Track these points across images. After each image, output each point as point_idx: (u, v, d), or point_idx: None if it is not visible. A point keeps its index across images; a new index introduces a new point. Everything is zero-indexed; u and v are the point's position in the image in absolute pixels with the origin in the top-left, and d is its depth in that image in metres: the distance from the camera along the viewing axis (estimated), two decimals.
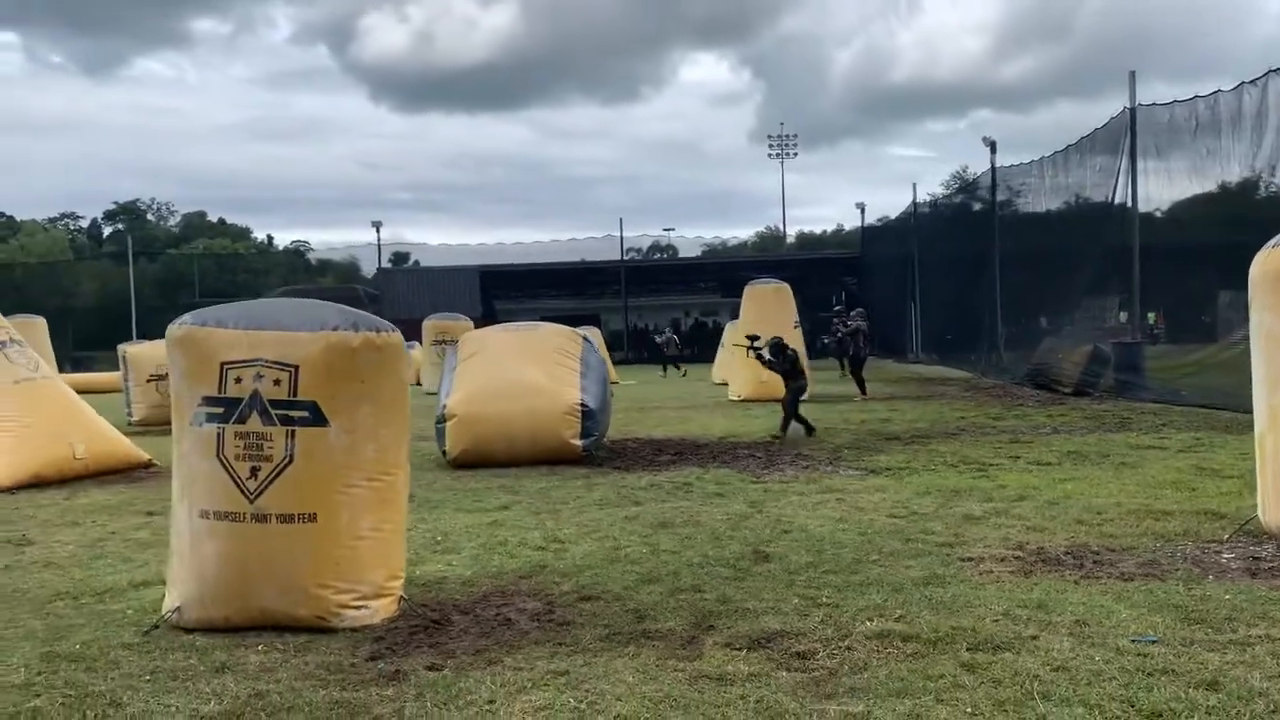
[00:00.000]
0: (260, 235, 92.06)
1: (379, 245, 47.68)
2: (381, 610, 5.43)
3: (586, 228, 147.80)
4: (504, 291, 47.14)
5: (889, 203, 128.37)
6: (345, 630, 5.25)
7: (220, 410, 5.22)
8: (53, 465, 11.23)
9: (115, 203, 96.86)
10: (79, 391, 13.22)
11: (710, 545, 7.09)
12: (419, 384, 32.21)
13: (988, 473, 10.06)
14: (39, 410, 11.45)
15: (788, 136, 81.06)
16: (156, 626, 5.33)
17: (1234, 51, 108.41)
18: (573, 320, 46.63)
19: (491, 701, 4.20)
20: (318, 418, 5.23)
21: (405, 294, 46.16)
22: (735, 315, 27.54)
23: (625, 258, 60.85)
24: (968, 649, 4.66)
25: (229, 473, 5.19)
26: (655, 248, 78.29)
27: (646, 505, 8.80)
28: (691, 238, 75.49)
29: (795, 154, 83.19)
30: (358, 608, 5.34)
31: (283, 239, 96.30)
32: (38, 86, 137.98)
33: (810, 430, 13.67)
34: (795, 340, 20.46)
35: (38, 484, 10.93)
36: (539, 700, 4.19)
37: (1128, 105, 20.66)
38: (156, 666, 4.77)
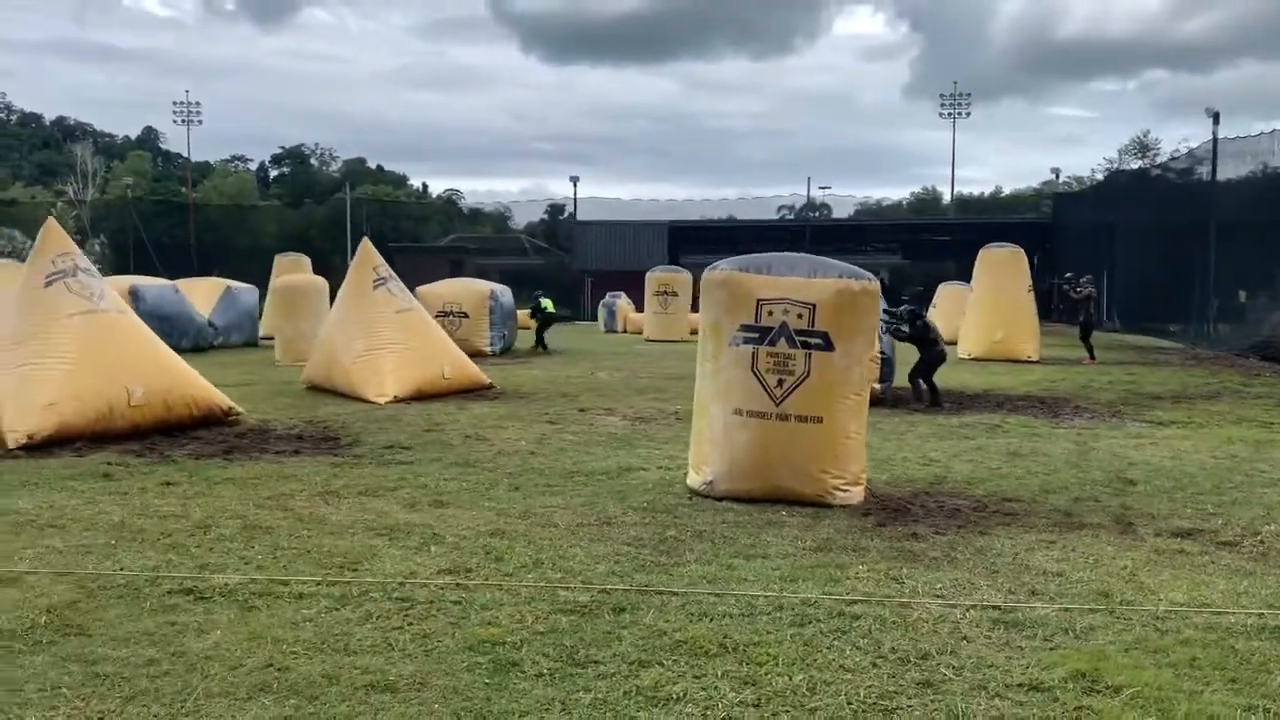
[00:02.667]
0: (415, 183, 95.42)
1: (575, 199, 49.90)
2: (857, 495, 7.04)
3: (726, 184, 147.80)
4: (690, 246, 48.72)
5: (1048, 165, 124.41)
6: (837, 506, 6.88)
7: (756, 335, 6.88)
8: (429, 382, 13.36)
9: (281, 147, 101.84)
10: None
11: (1071, 471, 8.45)
12: (622, 330, 34.30)
13: (1272, 429, 11.04)
14: (419, 335, 13.63)
15: (961, 95, 79.40)
16: (696, 494, 7.08)
17: None
18: None
19: (1015, 554, 5.73)
20: (827, 344, 6.83)
21: (597, 246, 48.25)
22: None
23: (805, 216, 61.76)
24: None
25: (760, 382, 6.86)
26: (810, 206, 78.50)
27: (979, 439, 10.19)
28: (844, 196, 74.99)
29: (968, 114, 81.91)
30: (845, 490, 6.96)
31: (435, 186, 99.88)
32: (211, 35, 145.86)
33: (935, 400, 12.91)
34: (1028, 304, 21.43)
35: (418, 397, 13.05)
36: (1055, 554, 5.69)
37: None
38: (725, 519, 6.48)
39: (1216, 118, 29.67)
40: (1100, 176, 68.29)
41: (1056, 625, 4.55)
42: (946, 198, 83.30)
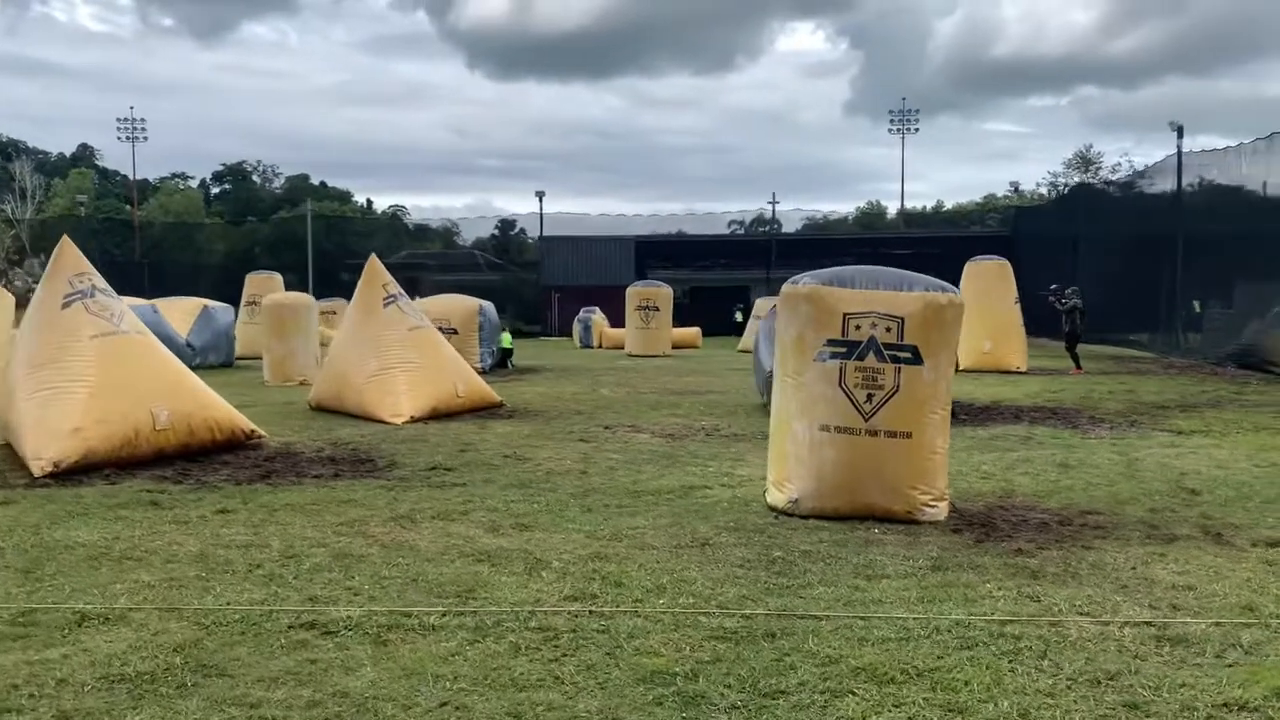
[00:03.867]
0: (360, 199, 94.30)
1: (541, 215, 49.67)
2: (943, 510, 6.96)
3: (673, 199, 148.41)
4: (657, 262, 48.72)
5: (985, 181, 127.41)
6: (926, 523, 6.79)
7: (843, 350, 6.78)
8: (444, 401, 13.10)
9: (223, 164, 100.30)
10: None
11: (1129, 482, 8.46)
12: (598, 346, 34.14)
13: None
14: (432, 353, 13.37)
15: (909, 111, 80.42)
16: (780, 513, 6.95)
17: None
18: (725, 291, 48.14)
19: (1133, 568, 5.68)
20: (916, 358, 6.76)
21: (562, 261, 48.03)
22: None
23: (756, 230, 62.03)
24: None
25: (849, 397, 6.76)
26: (760, 220, 78.98)
27: (1019, 451, 10.20)
28: (790, 210, 75.40)
29: (917, 129, 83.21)
30: (933, 506, 6.88)
31: (380, 203, 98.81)
32: (148, 49, 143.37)
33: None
34: (1015, 315, 21.66)
35: (433, 416, 12.79)
36: (1173, 567, 5.65)
37: None
38: (822, 538, 6.36)
39: (1180, 131, 30.40)
40: (1045, 190, 70.00)
41: (1220, 641, 4.48)
42: (891, 212, 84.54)
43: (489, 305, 22.06)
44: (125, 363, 9.64)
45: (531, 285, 50.61)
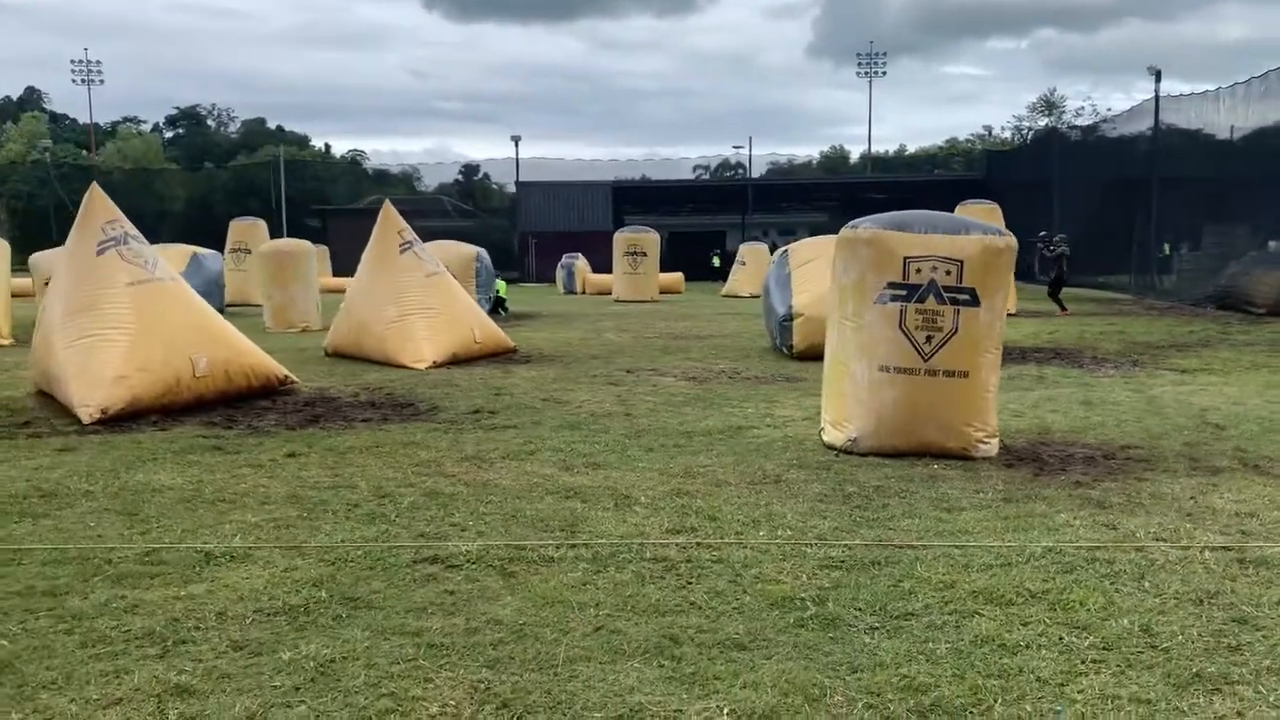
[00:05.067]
0: (318, 143, 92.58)
1: (516, 160, 49.32)
2: (995, 446, 7.25)
3: (635, 143, 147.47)
4: (633, 207, 48.69)
5: (948, 124, 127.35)
6: (980, 459, 7.07)
7: (903, 292, 6.99)
8: (463, 346, 13.22)
9: (176, 108, 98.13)
10: None
11: (1155, 418, 8.79)
12: (581, 292, 34.20)
13: None
14: (449, 299, 13.45)
15: (877, 54, 80.00)
16: (839, 451, 7.20)
17: None
18: (702, 236, 48.22)
19: (1192, 498, 5.99)
20: (974, 300, 6.99)
21: (540, 207, 47.86)
22: None
23: (711, 176, 61.82)
24: None
25: (909, 339, 6.99)
26: (725, 165, 78.80)
27: (1038, 390, 10.52)
28: (755, 154, 75.00)
29: (884, 73, 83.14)
30: (986, 443, 7.16)
31: (338, 148, 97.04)
32: None
33: None
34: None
35: (453, 362, 12.91)
36: (1230, 495, 5.97)
37: None
38: (887, 474, 6.61)
39: (1159, 76, 30.74)
40: (1008, 134, 70.48)
41: None
42: (855, 156, 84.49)
43: (484, 252, 22.06)
44: (163, 310, 9.66)
45: (502, 231, 50.37)
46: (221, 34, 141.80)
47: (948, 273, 6.96)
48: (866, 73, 74.62)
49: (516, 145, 49.57)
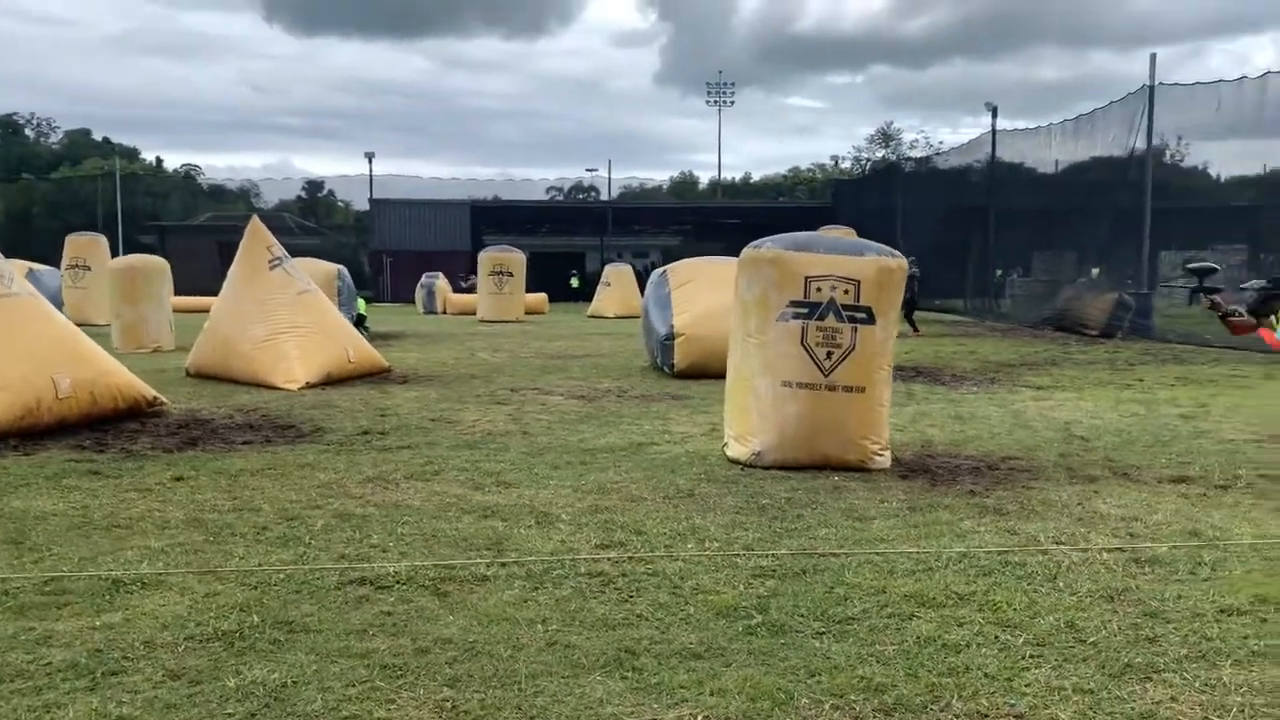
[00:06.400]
0: (148, 157, 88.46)
1: (370, 176, 48.31)
2: (888, 459, 7.54)
3: (484, 163, 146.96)
4: (492, 228, 48.36)
5: (789, 153, 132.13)
6: (875, 471, 7.34)
7: (805, 310, 7.21)
8: (336, 366, 12.87)
9: None
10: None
11: (1025, 431, 9.31)
12: (442, 312, 33.74)
13: (1135, 390, 12.48)
14: (321, 317, 13.08)
15: (726, 84, 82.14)
16: (744, 465, 7.35)
17: (1113, 21, 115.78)
18: (561, 257, 48.29)
19: (1079, 504, 6.37)
20: (871, 318, 7.27)
21: (396, 225, 46.98)
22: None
23: (549, 197, 62.01)
24: None
25: (810, 355, 7.21)
26: (579, 187, 79.41)
27: (911, 406, 10.96)
28: (610, 179, 75.68)
29: (733, 102, 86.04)
30: (881, 455, 7.44)
31: (171, 162, 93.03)
32: None
33: None
34: None
35: (327, 382, 12.55)
36: (1112, 501, 6.38)
37: (1148, 83, 23.41)
38: (794, 487, 6.79)
39: (995, 112, 32.64)
40: (848, 164, 73.69)
41: (1188, 561, 5.16)
42: (704, 182, 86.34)
43: (344, 270, 21.53)
44: (21, 327, 9.08)
45: (350, 249, 49.23)
46: (39, 40, 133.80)
47: (846, 292, 7.22)
48: (716, 101, 76.63)
49: (370, 162, 48.66)
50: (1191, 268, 8.62)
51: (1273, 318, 7.16)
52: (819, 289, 7.22)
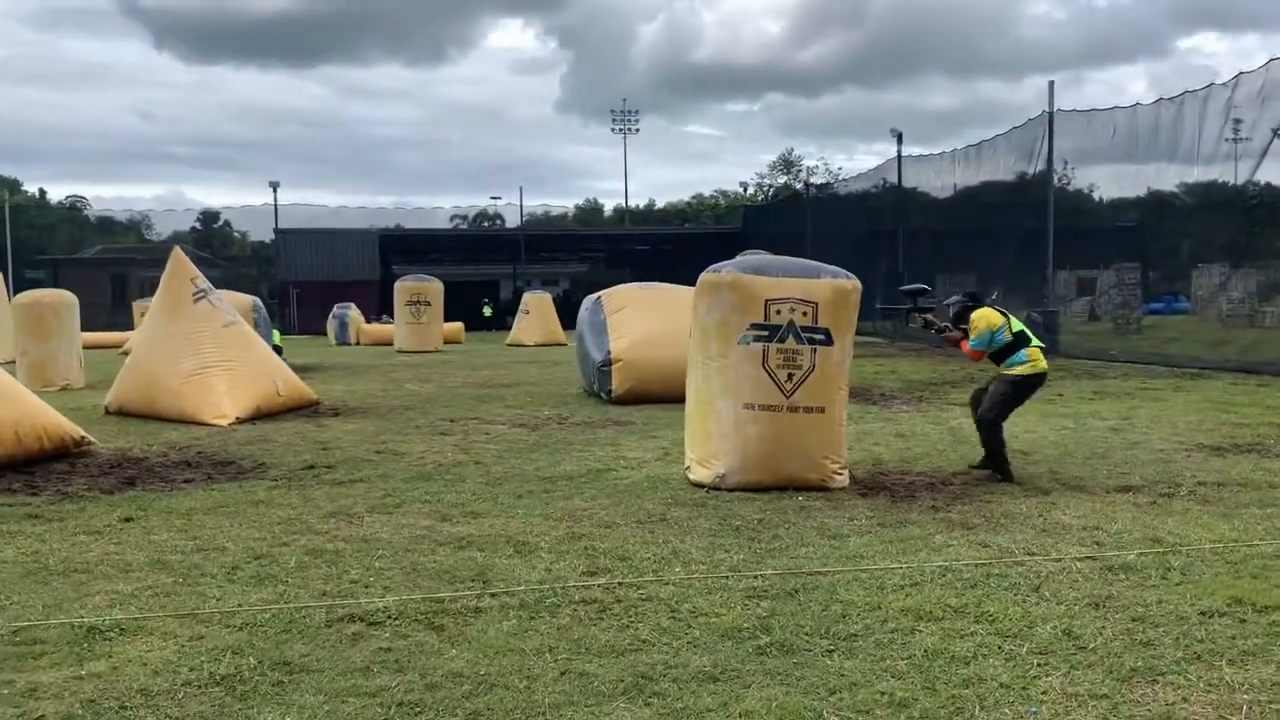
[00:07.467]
0: (31, 188, 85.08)
1: (275, 206, 47.33)
2: (846, 477, 7.65)
3: (384, 191, 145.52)
4: (401, 256, 47.79)
5: (690, 179, 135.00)
6: (835, 489, 7.45)
7: (765, 333, 7.30)
8: (266, 400, 12.55)
9: None
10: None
11: (966, 447, 9.47)
12: (355, 343, 33.16)
13: (1057, 405, 12.91)
14: (248, 351, 12.75)
15: (630, 112, 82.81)
16: (710, 488, 7.37)
17: (997, 51, 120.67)
18: (473, 285, 47.90)
19: (1040, 515, 6.55)
20: (829, 339, 7.40)
21: (303, 255, 46.06)
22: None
23: (452, 225, 61.68)
24: (1238, 487, 7.35)
25: (772, 377, 7.29)
26: (483, 215, 79.16)
27: (852, 426, 11.06)
28: (508, 206, 75.09)
29: (637, 130, 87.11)
30: (840, 474, 7.55)
31: (55, 194, 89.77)
32: None
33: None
34: None
35: (257, 416, 12.22)
36: (1071, 512, 6.57)
37: (1047, 109, 24.40)
38: (761, 508, 6.84)
39: (900, 138, 33.51)
40: (752, 190, 75.08)
41: (1157, 566, 5.35)
42: (609, 209, 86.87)
43: (259, 301, 21.02)
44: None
45: (250, 280, 48.09)
46: None
47: (804, 314, 7.34)
48: (622, 129, 77.24)
49: (275, 191, 47.60)
50: (905, 289, 9.07)
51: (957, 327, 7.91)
52: (778, 311, 7.32)
